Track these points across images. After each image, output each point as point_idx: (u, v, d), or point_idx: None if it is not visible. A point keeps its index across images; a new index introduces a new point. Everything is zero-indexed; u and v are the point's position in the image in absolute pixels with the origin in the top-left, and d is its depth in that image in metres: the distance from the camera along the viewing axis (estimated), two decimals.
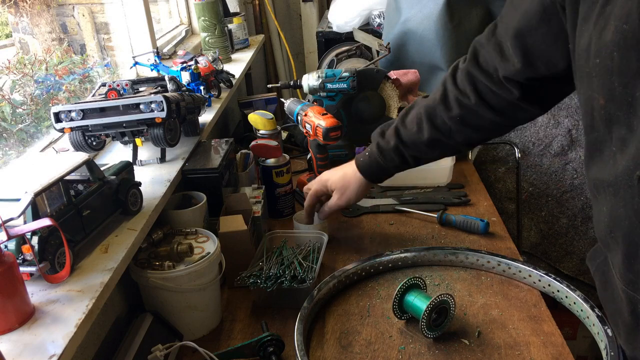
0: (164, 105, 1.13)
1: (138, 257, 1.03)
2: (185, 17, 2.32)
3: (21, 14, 1.38)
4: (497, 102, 1.00)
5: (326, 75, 1.56)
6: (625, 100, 0.61)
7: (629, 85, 0.60)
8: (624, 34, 0.59)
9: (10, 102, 1.24)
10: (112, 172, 1.02)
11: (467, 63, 1.03)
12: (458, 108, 1.04)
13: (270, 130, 1.66)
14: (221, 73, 1.73)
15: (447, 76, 1.07)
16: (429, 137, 1.08)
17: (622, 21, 0.59)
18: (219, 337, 1.07)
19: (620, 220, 0.66)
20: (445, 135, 1.07)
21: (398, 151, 1.13)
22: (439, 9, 1.80)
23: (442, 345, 1.00)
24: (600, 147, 0.69)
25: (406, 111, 1.13)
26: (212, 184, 1.25)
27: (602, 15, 0.63)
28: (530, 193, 2.24)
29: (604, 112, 0.65)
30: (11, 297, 0.75)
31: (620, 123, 0.62)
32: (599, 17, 0.63)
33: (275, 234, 1.28)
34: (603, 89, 0.64)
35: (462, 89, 1.03)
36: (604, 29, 0.62)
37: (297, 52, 3.25)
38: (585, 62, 0.67)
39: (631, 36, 0.58)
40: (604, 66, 0.62)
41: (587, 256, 0.90)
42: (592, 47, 0.65)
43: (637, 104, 0.59)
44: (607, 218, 0.69)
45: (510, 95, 0.96)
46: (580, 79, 0.71)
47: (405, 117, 1.12)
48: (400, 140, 1.12)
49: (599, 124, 0.67)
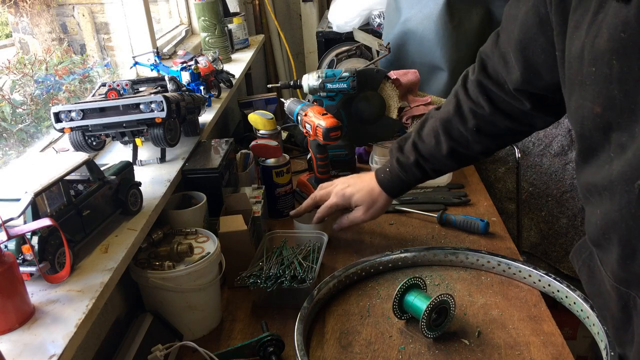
0: (164, 105, 1.13)
1: (138, 257, 1.03)
2: (185, 17, 2.32)
3: (21, 14, 1.38)
4: (511, 111, 1.00)
5: (326, 75, 1.56)
6: (627, 107, 0.61)
7: (630, 93, 0.60)
8: (622, 43, 0.59)
9: (10, 102, 1.24)
10: (112, 172, 1.02)
11: (476, 74, 1.03)
12: (473, 119, 1.04)
13: (270, 130, 1.66)
14: (221, 73, 1.73)
15: (458, 87, 1.07)
16: (447, 150, 1.09)
17: (617, 29, 0.59)
18: (219, 337, 1.07)
19: (615, 224, 0.67)
20: (464, 146, 1.08)
21: (419, 165, 1.14)
22: (439, 9, 1.80)
23: (442, 345, 1.00)
24: (595, 154, 0.69)
25: (421, 124, 1.14)
26: (212, 184, 1.25)
27: (594, 23, 0.63)
28: (530, 193, 2.23)
29: (600, 120, 0.65)
30: (11, 297, 0.75)
31: (620, 130, 0.63)
32: (590, 25, 0.64)
33: (275, 234, 1.28)
34: (600, 96, 0.64)
35: (476, 100, 1.03)
36: (596, 37, 0.63)
37: (297, 52, 3.25)
38: (578, 70, 0.67)
39: (632, 45, 0.58)
40: (601, 74, 0.62)
41: (572, 251, 0.90)
42: (585, 54, 0.65)
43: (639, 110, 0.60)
44: (600, 221, 0.70)
45: (522, 105, 0.97)
46: (571, 88, 0.71)
47: (421, 131, 1.13)
48: (419, 154, 1.13)
49: (592, 132, 0.67)
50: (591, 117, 0.66)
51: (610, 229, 0.68)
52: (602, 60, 0.62)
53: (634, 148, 0.61)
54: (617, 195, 0.65)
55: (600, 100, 0.64)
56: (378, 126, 1.68)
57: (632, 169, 0.61)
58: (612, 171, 0.65)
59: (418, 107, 1.75)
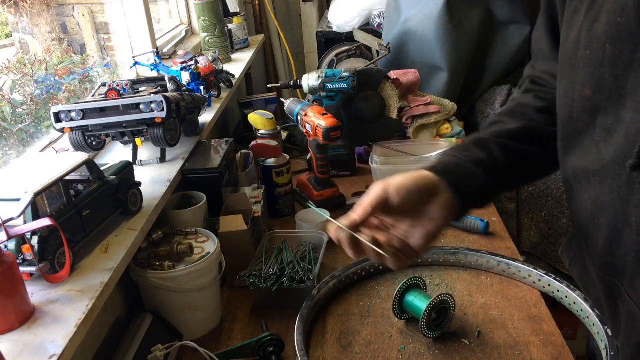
0: (164, 105, 1.13)
1: (138, 257, 1.03)
2: (185, 17, 2.32)
3: (21, 14, 1.38)
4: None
5: (326, 75, 1.56)
6: (615, 91, 0.62)
7: (619, 77, 0.61)
8: (618, 27, 0.60)
9: (10, 102, 1.24)
10: (112, 172, 1.02)
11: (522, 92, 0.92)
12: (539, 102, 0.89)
13: (270, 130, 1.66)
14: (221, 73, 1.73)
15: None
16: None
17: (615, 14, 0.60)
18: (219, 337, 1.07)
19: (605, 207, 0.67)
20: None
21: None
22: (439, 9, 1.80)
23: (442, 345, 1.00)
24: (580, 137, 0.70)
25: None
26: (212, 184, 1.25)
27: (593, 8, 0.64)
28: (530, 193, 2.23)
29: (589, 103, 0.66)
30: (11, 297, 0.75)
31: (607, 113, 0.64)
32: (589, 10, 0.65)
33: (275, 234, 1.28)
34: (591, 80, 0.65)
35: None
36: (595, 21, 0.64)
37: (297, 52, 3.25)
38: (573, 53, 0.68)
39: (625, 29, 0.59)
40: (594, 57, 0.64)
41: (561, 249, 0.90)
42: (581, 38, 0.66)
43: (627, 95, 0.61)
44: (590, 206, 0.70)
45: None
46: (563, 71, 0.72)
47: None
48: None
49: (580, 115, 0.68)
50: (581, 100, 0.67)
51: (599, 213, 0.69)
52: (597, 44, 0.63)
53: (623, 132, 0.62)
54: (609, 179, 0.65)
55: (591, 83, 0.65)
56: (378, 126, 1.68)
57: (623, 152, 0.62)
58: (602, 156, 0.66)
59: (418, 107, 1.75)
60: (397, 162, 1.60)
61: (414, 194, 0.74)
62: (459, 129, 1.76)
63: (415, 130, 1.73)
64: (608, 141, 0.64)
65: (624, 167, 0.62)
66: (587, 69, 0.65)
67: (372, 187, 0.75)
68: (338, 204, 1.49)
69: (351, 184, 1.64)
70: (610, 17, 0.61)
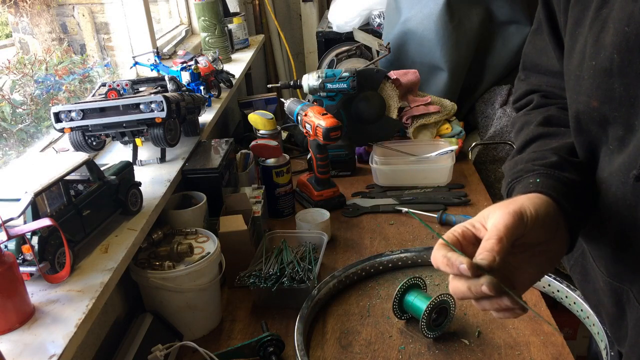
0: (164, 105, 1.13)
1: (138, 257, 1.03)
2: (185, 17, 2.32)
3: (21, 14, 1.38)
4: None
5: (326, 75, 1.56)
6: (626, 101, 0.61)
7: (631, 86, 0.60)
8: (625, 36, 0.59)
9: (10, 102, 1.24)
10: (112, 172, 1.02)
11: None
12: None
13: (270, 130, 1.66)
14: (221, 73, 1.73)
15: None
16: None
17: (622, 23, 0.60)
18: (219, 337, 1.07)
19: (611, 216, 0.67)
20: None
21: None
22: (439, 9, 1.80)
23: (442, 345, 1.00)
24: (592, 148, 0.69)
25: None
26: (212, 184, 1.25)
27: (598, 19, 0.63)
28: None
29: (596, 114, 0.65)
30: (11, 297, 0.75)
31: (617, 123, 0.63)
32: (594, 20, 0.64)
33: (275, 234, 1.28)
34: (598, 90, 0.64)
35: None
36: (601, 32, 0.63)
37: (297, 52, 3.25)
38: (578, 65, 0.67)
39: (634, 38, 0.59)
40: (601, 68, 0.63)
41: None
42: (587, 49, 0.65)
43: (639, 104, 0.60)
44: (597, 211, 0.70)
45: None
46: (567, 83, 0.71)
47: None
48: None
49: (589, 126, 0.68)
50: (587, 111, 0.67)
51: (606, 221, 0.68)
52: (603, 54, 0.62)
53: (635, 141, 0.61)
54: (613, 187, 0.65)
55: (598, 93, 0.64)
56: (378, 126, 1.68)
57: (630, 161, 0.62)
58: (612, 165, 0.66)
59: (418, 107, 1.75)
60: (397, 162, 1.60)
61: (547, 226, 0.63)
62: (459, 129, 1.76)
63: (415, 130, 1.73)
64: (622, 150, 0.64)
65: (629, 177, 0.62)
66: (592, 80, 0.64)
67: (499, 213, 0.61)
68: (338, 204, 1.50)
69: (351, 184, 1.64)
70: (617, 26, 0.60)
